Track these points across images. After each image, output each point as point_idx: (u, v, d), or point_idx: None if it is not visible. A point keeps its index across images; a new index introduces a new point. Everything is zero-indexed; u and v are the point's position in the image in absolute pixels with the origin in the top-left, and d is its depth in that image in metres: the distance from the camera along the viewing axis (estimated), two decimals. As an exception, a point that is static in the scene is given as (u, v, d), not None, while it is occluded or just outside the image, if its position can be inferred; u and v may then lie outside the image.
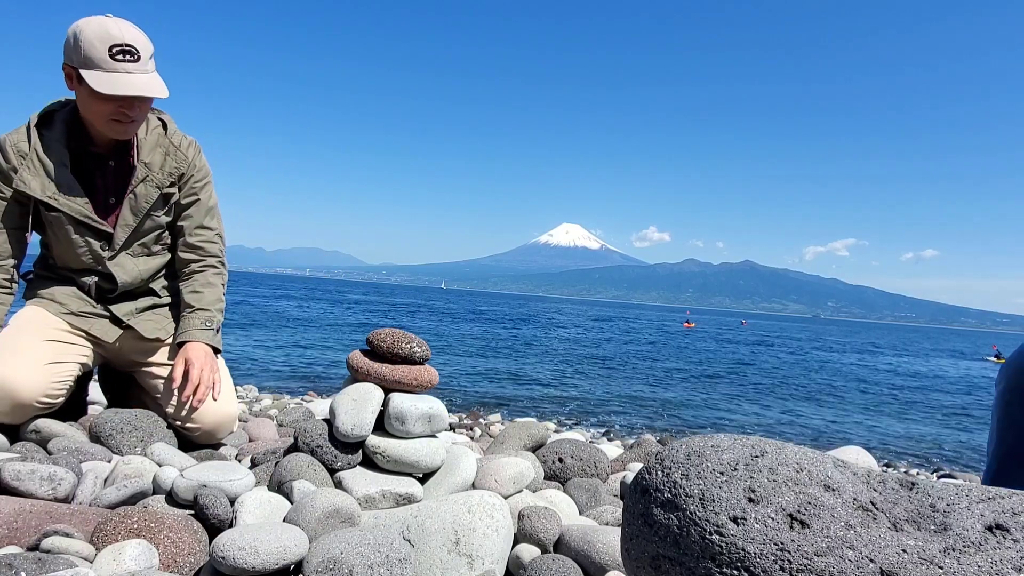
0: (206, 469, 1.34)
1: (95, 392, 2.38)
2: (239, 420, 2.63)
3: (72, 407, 1.89)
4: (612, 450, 2.68)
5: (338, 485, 1.39)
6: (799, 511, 0.75)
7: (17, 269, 1.78)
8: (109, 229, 1.80)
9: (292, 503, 1.30)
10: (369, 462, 1.44)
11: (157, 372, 1.90)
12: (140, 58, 1.63)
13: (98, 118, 1.68)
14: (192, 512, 1.25)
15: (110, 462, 1.55)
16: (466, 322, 32.17)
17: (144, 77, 1.65)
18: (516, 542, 1.37)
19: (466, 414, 7.20)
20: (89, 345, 1.85)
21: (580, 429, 7.54)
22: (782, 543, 0.72)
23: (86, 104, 1.67)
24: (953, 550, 0.71)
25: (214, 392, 1.79)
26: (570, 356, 18.21)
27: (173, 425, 1.81)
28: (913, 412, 12.42)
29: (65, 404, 1.77)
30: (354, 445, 1.43)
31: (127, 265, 1.85)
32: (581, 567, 1.30)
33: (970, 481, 1.09)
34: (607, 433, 7.55)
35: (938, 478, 5.75)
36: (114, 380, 2.09)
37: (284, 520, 1.23)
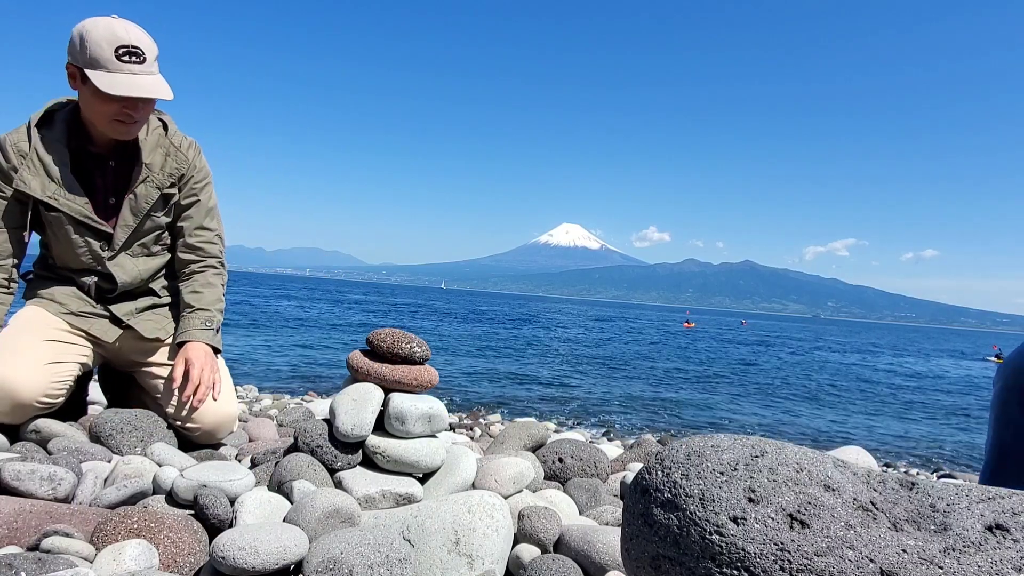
0: (206, 469, 1.34)
1: (95, 392, 2.38)
2: (239, 420, 2.63)
3: (72, 407, 1.88)
4: (612, 450, 2.68)
5: (338, 485, 1.39)
6: (799, 511, 0.75)
7: (17, 269, 1.77)
8: (109, 229, 1.80)
9: (292, 503, 1.30)
10: (369, 462, 1.44)
11: (157, 372, 1.90)
12: (146, 60, 1.64)
13: (101, 118, 1.68)
14: (192, 512, 1.25)
15: (110, 462, 1.55)
16: (466, 322, 32.16)
17: (149, 79, 1.65)
18: (516, 542, 1.37)
19: (466, 414, 7.20)
20: (89, 345, 1.85)
21: (580, 429, 7.55)
22: (782, 543, 0.72)
23: (90, 104, 1.67)
24: (953, 550, 0.71)
25: (214, 392, 1.79)
26: (570, 356, 18.21)
27: (173, 425, 1.81)
28: (913, 412, 12.42)
29: (65, 404, 1.77)
30: (354, 445, 1.43)
31: (127, 265, 1.85)
32: (581, 567, 1.30)
33: (970, 481, 1.10)
34: (607, 433, 7.55)
35: (938, 478, 5.75)
36: (114, 380, 2.09)
37: (284, 520, 1.23)
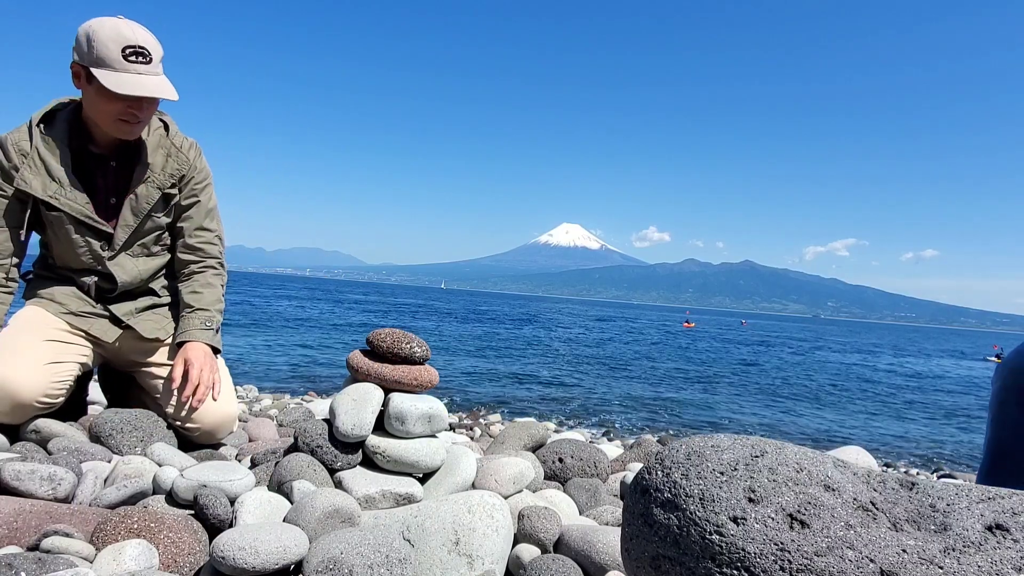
0: (206, 469, 1.34)
1: (95, 392, 2.38)
2: (239, 420, 2.63)
3: (72, 407, 1.88)
4: (612, 450, 2.68)
5: (338, 485, 1.39)
6: (799, 511, 0.75)
7: (17, 268, 1.77)
8: (109, 229, 1.80)
9: (292, 503, 1.30)
10: (369, 462, 1.44)
11: (157, 372, 1.90)
12: (152, 60, 1.65)
13: (105, 118, 1.68)
14: (192, 512, 1.25)
15: (110, 462, 1.55)
16: (466, 322, 32.16)
17: (155, 79, 1.66)
18: (516, 542, 1.37)
19: (466, 414, 7.20)
20: (89, 345, 1.85)
21: (580, 429, 7.55)
22: (782, 543, 0.72)
23: (94, 103, 1.67)
24: (953, 550, 0.71)
25: (214, 392, 1.79)
26: (570, 356, 18.21)
27: (173, 425, 1.81)
28: (913, 412, 12.42)
29: (65, 404, 1.77)
30: (354, 445, 1.43)
31: (127, 265, 1.85)
32: (581, 567, 1.30)
33: (970, 481, 1.11)
34: (607, 433, 7.56)
35: (938, 478, 5.75)
36: (114, 380, 2.09)
37: (284, 520, 1.23)
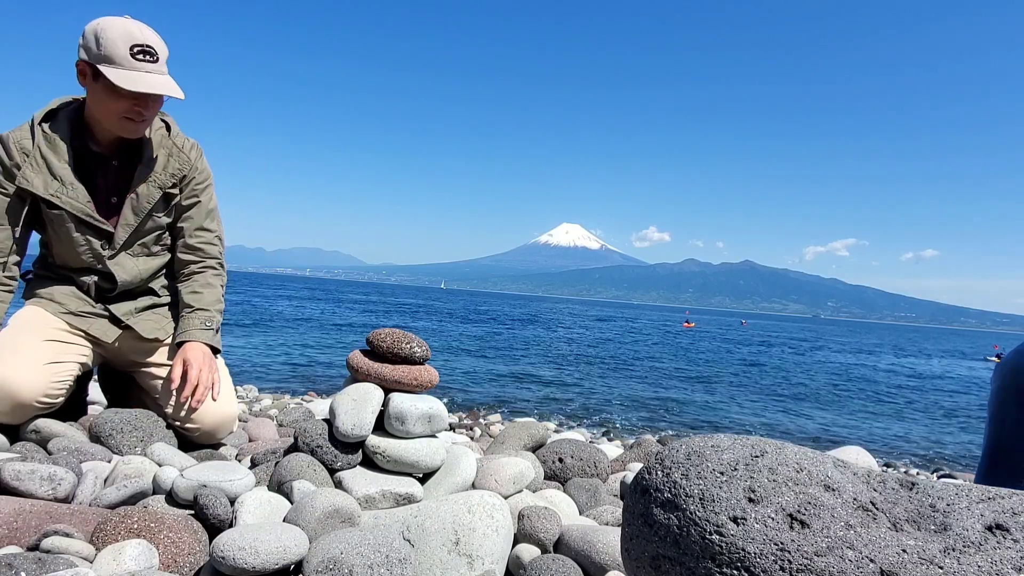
0: (206, 469, 1.34)
1: (95, 392, 2.38)
2: (239, 420, 2.63)
3: (72, 407, 1.89)
4: (612, 450, 2.68)
5: (338, 485, 1.39)
6: (799, 511, 0.75)
7: (18, 266, 1.78)
8: (110, 228, 1.80)
9: (292, 503, 1.30)
10: (369, 462, 1.44)
11: (156, 372, 1.90)
12: (159, 60, 1.68)
13: (111, 116, 1.69)
14: (192, 512, 1.25)
15: (110, 462, 1.55)
16: (466, 322, 32.16)
17: (162, 78, 1.69)
18: (516, 542, 1.37)
19: (466, 414, 7.20)
20: (88, 345, 1.85)
21: (580, 429, 7.54)
22: (782, 543, 0.72)
23: (100, 101, 1.68)
24: (953, 550, 0.71)
25: (213, 392, 1.79)
26: (570, 356, 18.21)
27: (173, 425, 1.81)
28: (913, 412, 12.42)
29: (65, 404, 1.77)
30: (354, 445, 1.43)
31: (127, 265, 1.85)
32: (581, 567, 1.30)
33: (970, 481, 1.11)
34: (607, 433, 7.55)
35: (938, 478, 5.75)
36: (114, 380, 2.09)
37: (284, 520, 1.23)
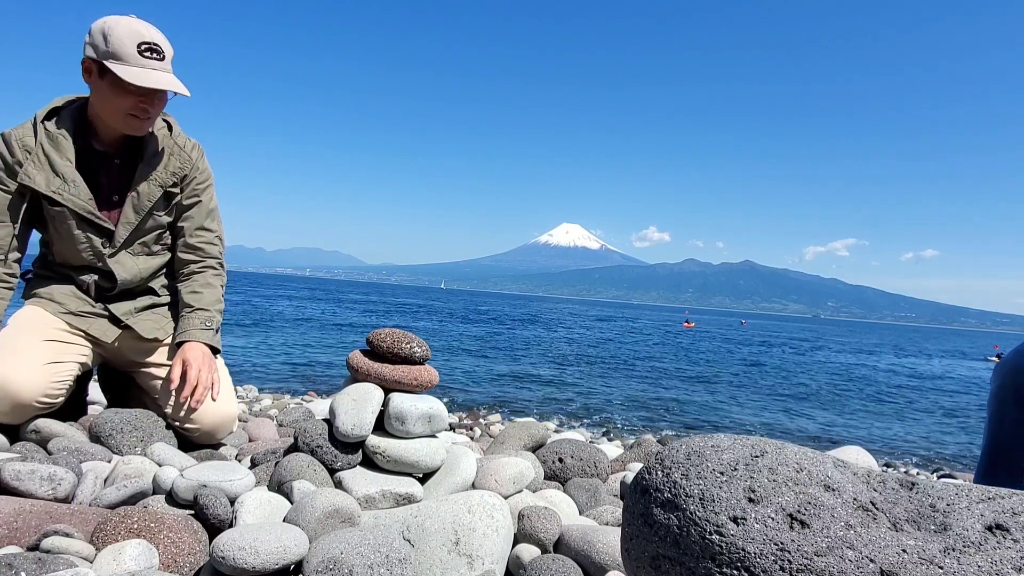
0: (206, 469, 1.34)
1: (95, 392, 2.38)
2: (239, 420, 2.63)
3: (72, 407, 1.89)
4: (612, 450, 2.68)
5: (338, 485, 1.39)
6: (799, 511, 0.75)
7: (19, 263, 1.78)
8: (111, 226, 1.80)
9: (292, 503, 1.30)
10: (369, 462, 1.44)
11: (156, 372, 1.90)
12: (165, 58, 1.70)
13: (116, 113, 1.70)
14: (192, 512, 1.25)
15: (110, 462, 1.55)
16: (466, 322, 32.17)
17: (168, 75, 1.71)
18: (516, 542, 1.37)
19: (466, 414, 7.20)
20: (88, 345, 1.85)
21: (580, 429, 7.54)
22: (782, 543, 0.72)
23: (106, 98, 1.69)
24: (953, 550, 0.71)
25: (213, 392, 1.79)
26: (570, 356, 18.20)
27: (173, 425, 1.81)
28: (913, 412, 12.42)
29: (65, 404, 1.77)
30: (354, 445, 1.43)
31: (127, 263, 1.86)
32: (581, 567, 1.30)
33: (970, 481, 1.11)
34: (607, 433, 7.55)
35: (938, 478, 5.75)
36: (114, 380, 2.09)
37: (284, 520, 1.23)
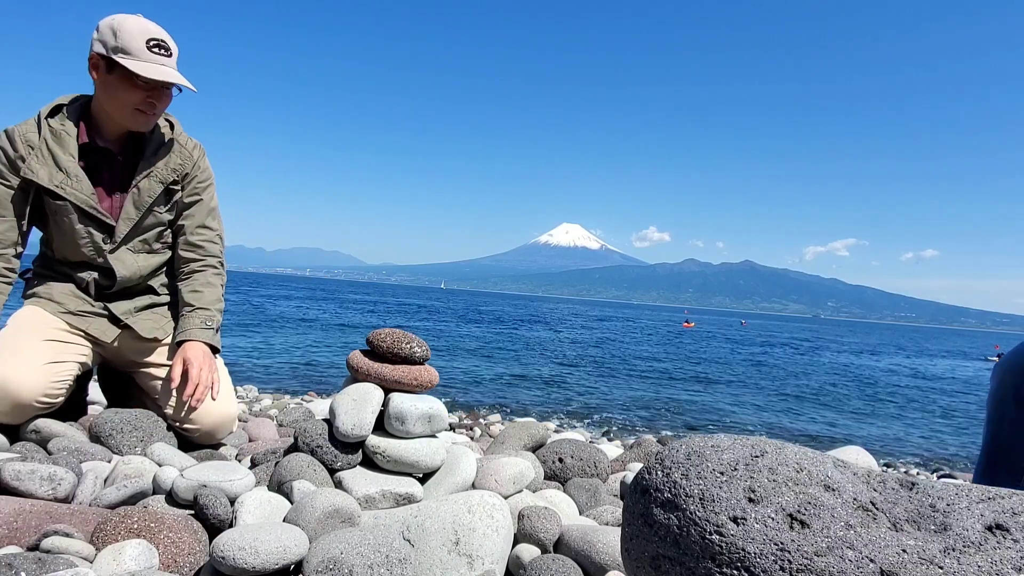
0: (206, 469, 1.34)
1: (95, 392, 2.38)
2: (239, 420, 2.63)
3: (72, 407, 1.89)
4: (612, 450, 2.68)
5: (338, 485, 1.39)
6: (799, 511, 0.75)
7: (18, 259, 1.79)
8: (112, 221, 1.81)
9: (292, 503, 1.30)
10: (369, 462, 1.44)
11: (156, 372, 1.90)
12: (172, 55, 1.74)
13: (123, 108, 1.73)
14: (192, 512, 1.25)
15: (110, 462, 1.55)
16: (466, 322, 32.17)
17: (175, 71, 1.74)
18: (516, 542, 1.37)
19: (466, 414, 7.20)
20: (88, 344, 1.85)
21: (580, 429, 7.54)
22: (782, 543, 0.72)
23: (113, 93, 1.71)
24: (953, 550, 0.71)
25: (213, 392, 1.79)
26: (570, 356, 18.20)
27: (173, 425, 1.81)
28: (914, 412, 12.42)
29: (65, 404, 1.77)
30: (354, 445, 1.43)
31: (127, 260, 1.86)
32: (581, 567, 1.30)
33: (970, 481, 1.11)
34: (607, 433, 7.55)
35: (938, 478, 5.75)
36: (114, 380, 2.09)
37: (284, 520, 1.23)
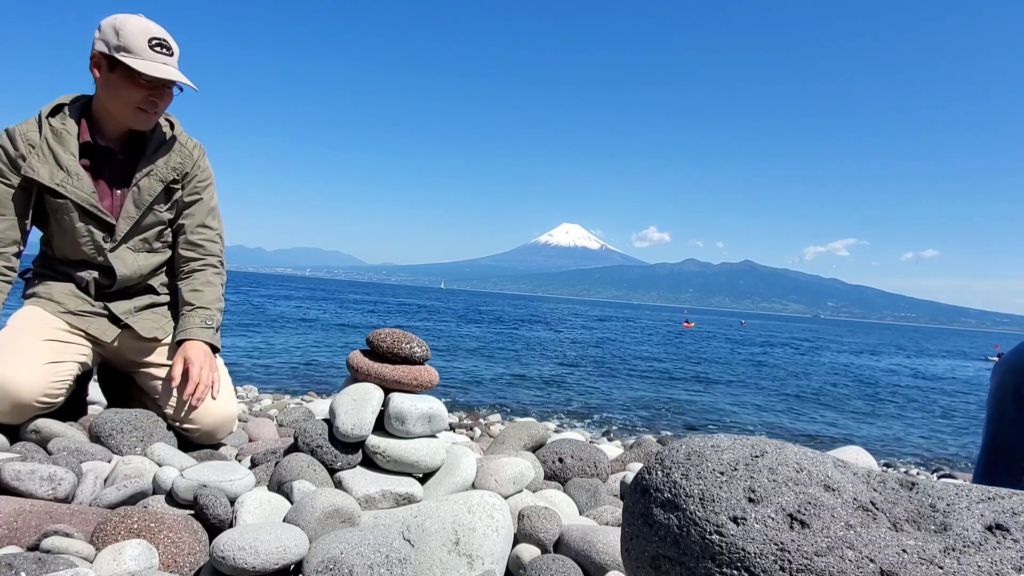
0: (206, 469, 1.34)
1: (95, 392, 2.38)
2: (239, 420, 2.63)
3: (72, 407, 1.89)
4: (612, 450, 2.68)
5: (338, 485, 1.39)
6: (799, 511, 0.75)
7: (18, 257, 1.80)
8: (112, 220, 1.82)
9: (292, 503, 1.30)
10: (369, 462, 1.44)
11: (155, 372, 1.91)
12: (174, 54, 1.75)
13: (125, 106, 1.74)
14: (192, 512, 1.25)
15: (110, 462, 1.55)
16: (466, 322, 32.16)
17: (177, 70, 1.75)
18: (516, 542, 1.37)
19: (466, 414, 7.20)
20: (88, 344, 1.85)
21: (580, 429, 7.54)
22: (782, 543, 0.72)
23: (116, 91, 1.72)
24: (953, 550, 0.71)
25: (213, 391, 1.80)
26: (570, 356, 18.20)
27: (173, 425, 1.81)
28: (914, 412, 12.42)
29: (65, 404, 1.77)
30: (354, 445, 1.43)
31: (127, 259, 1.86)
32: (581, 567, 1.30)
33: (970, 481, 1.11)
34: (607, 433, 7.55)
35: (938, 478, 5.75)
36: (114, 380, 2.09)
37: (284, 520, 1.23)
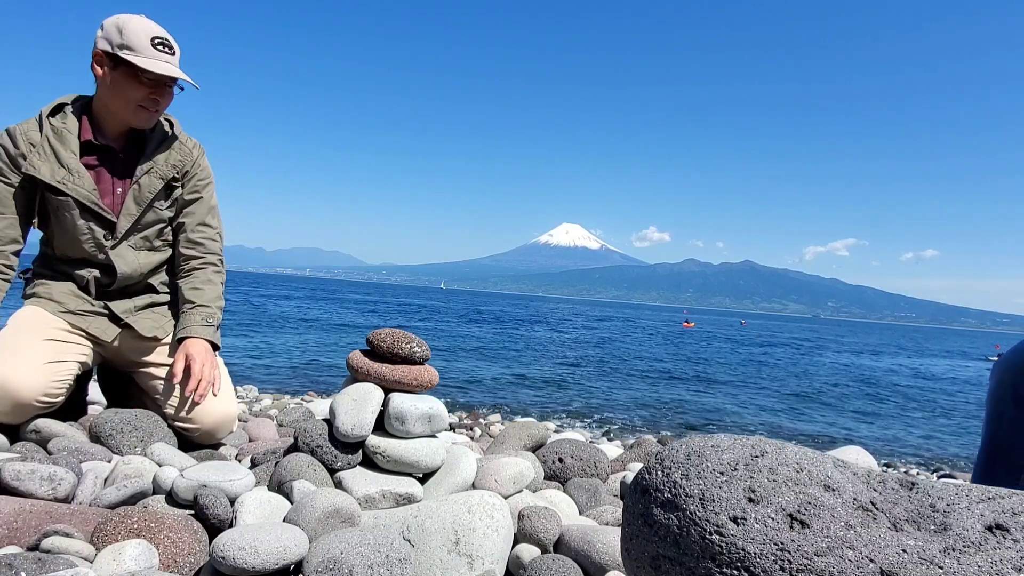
0: (206, 469, 1.34)
1: (95, 392, 2.38)
2: (239, 420, 2.63)
3: (72, 407, 1.89)
4: (612, 450, 2.68)
5: (338, 485, 1.39)
6: (799, 511, 0.75)
7: (17, 256, 1.80)
8: (113, 217, 1.82)
9: (292, 503, 1.30)
10: (369, 462, 1.44)
11: (155, 372, 1.91)
12: (175, 54, 1.78)
13: (126, 105, 1.75)
14: (192, 512, 1.25)
15: (110, 462, 1.55)
16: (466, 322, 32.17)
17: (178, 69, 1.77)
18: (516, 542, 1.37)
19: (466, 414, 7.20)
20: (88, 344, 1.85)
21: (580, 429, 7.55)
22: (782, 543, 0.72)
23: (118, 89, 1.74)
24: (953, 550, 0.71)
25: (214, 388, 1.80)
26: (570, 356, 18.20)
27: (173, 425, 1.81)
28: (914, 412, 12.42)
29: (65, 404, 1.77)
30: (354, 445, 1.43)
31: (128, 257, 1.87)
32: (581, 567, 1.30)
33: (969, 481, 1.11)
34: (607, 433, 7.55)
35: (938, 478, 5.75)
36: (114, 380, 2.09)
37: (284, 520, 1.23)
